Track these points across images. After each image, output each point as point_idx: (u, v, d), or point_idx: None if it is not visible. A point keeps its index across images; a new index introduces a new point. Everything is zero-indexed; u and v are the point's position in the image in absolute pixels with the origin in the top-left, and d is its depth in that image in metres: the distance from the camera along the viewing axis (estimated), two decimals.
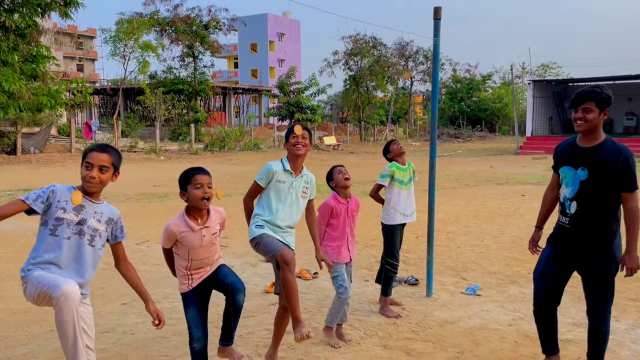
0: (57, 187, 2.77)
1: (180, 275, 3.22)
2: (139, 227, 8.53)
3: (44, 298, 2.61)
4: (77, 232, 2.75)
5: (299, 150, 3.52)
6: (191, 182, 3.07)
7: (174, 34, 31.17)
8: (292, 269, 3.30)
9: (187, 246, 3.11)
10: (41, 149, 21.57)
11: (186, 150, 26.38)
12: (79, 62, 61.05)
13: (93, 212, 2.82)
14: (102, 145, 2.90)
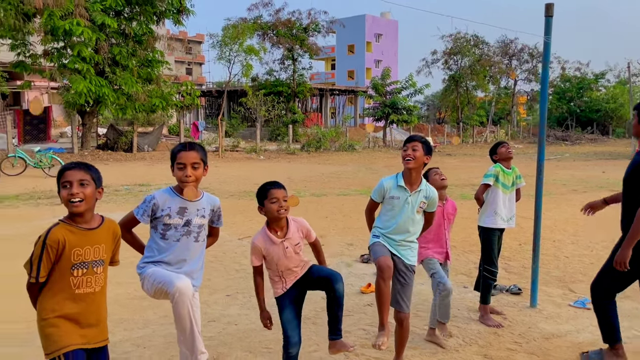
0: (157, 196, 2.95)
1: (274, 282, 3.28)
2: (241, 222, 8.92)
3: (161, 293, 2.85)
4: (184, 234, 2.95)
5: (407, 164, 3.45)
6: (267, 196, 3.12)
7: (275, 38, 32.25)
8: (385, 276, 3.30)
9: (274, 259, 3.18)
10: (154, 147, 23.28)
11: (284, 150, 27.16)
12: (187, 66, 65.07)
13: (195, 210, 3.01)
14: (188, 144, 3.03)
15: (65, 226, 2.41)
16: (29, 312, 2.64)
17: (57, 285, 2.40)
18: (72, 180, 2.43)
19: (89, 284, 2.45)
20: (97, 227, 2.50)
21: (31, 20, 19.25)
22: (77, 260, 2.40)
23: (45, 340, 2.39)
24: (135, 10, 21.35)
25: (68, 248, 2.37)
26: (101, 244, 2.49)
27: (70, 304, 2.41)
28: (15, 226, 8.43)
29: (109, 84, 20.36)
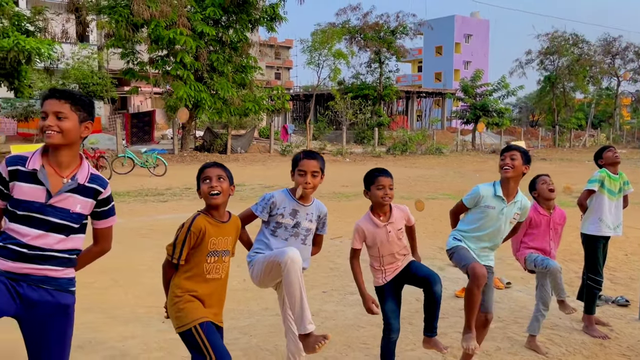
0: (276, 195, 3.19)
1: (375, 271, 3.45)
2: (332, 223, 9.09)
3: (270, 269, 3.03)
4: (293, 234, 3.17)
5: (506, 172, 3.45)
6: (374, 182, 3.31)
7: (363, 41, 32.42)
8: (479, 284, 3.33)
9: (377, 243, 3.34)
10: (246, 149, 24.30)
11: (369, 153, 27.25)
12: (276, 71, 67.07)
13: (305, 214, 3.22)
14: (311, 153, 3.24)
15: (205, 217, 2.72)
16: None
17: (194, 269, 2.71)
18: (212, 176, 2.74)
19: (217, 270, 2.75)
20: (227, 220, 2.81)
21: (139, 31, 20.84)
22: (212, 248, 2.70)
23: (179, 313, 2.67)
24: (231, 19, 22.44)
25: (207, 236, 2.68)
26: (229, 236, 2.79)
27: (203, 286, 2.72)
28: (127, 219, 9.24)
29: (207, 89, 21.56)
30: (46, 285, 2.34)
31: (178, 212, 9.87)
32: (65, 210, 2.32)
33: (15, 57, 14.32)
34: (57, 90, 2.38)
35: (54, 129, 2.27)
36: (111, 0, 20.38)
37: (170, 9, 19.50)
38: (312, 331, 2.94)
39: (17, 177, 2.28)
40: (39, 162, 2.30)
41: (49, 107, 2.31)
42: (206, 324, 2.66)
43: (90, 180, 2.39)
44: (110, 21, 19.82)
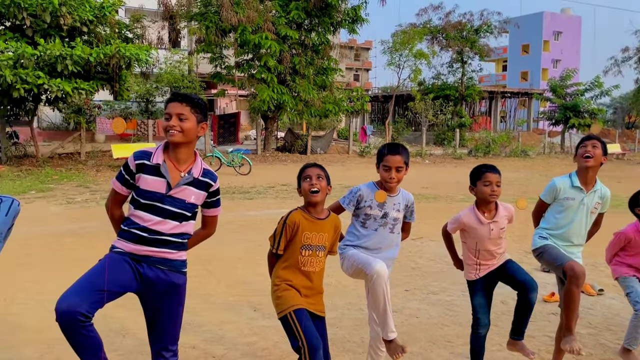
0: (362, 188, 3.32)
1: (468, 264, 3.49)
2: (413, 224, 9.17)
3: (359, 273, 3.22)
4: (382, 224, 3.29)
5: (587, 161, 3.39)
6: (481, 178, 3.32)
7: (445, 41, 31.85)
8: (579, 282, 3.26)
9: (475, 238, 3.37)
10: (325, 150, 24.69)
11: (450, 154, 26.72)
12: (355, 73, 67.33)
13: (392, 204, 3.33)
14: (395, 148, 3.30)
15: (302, 213, 2.94)
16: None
17: (290, 259, 2.93)
18: (312, 175, 2.96)
19: (311, 264, 2.94)
20: (324, 218, 3.00)
21: (227, 36, 21.82)
22: (305, 242, 2.91)
23: (278, 301, 2.91)
24: (314, 22, 22.91)
25: (300, 230, 2.89)
26: (325, 233, 2.97)
27: (298, 277, 2.93)
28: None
29: (289, 91, 22.16)
30: (162, 266, 2.66)
31: (263, 209, 10.30)
32: (182, 200, 2.62)
33: (116, 62, 15.51)
34: (180, 94, 2.68)
35: (176, 129, 2.58)
36: (202, 8, 21.48)
37: (256, 15, 20.25)
38: (394, 339, 3.09)
39: (143, 169, 2.60)
40: (161, 157, 2.61)
41: (173, 109, 2.61)
42: (300, 311, 2.85)
43: (203, 175, 2.69)
44: (201, 27, 20.90)
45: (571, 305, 3.29)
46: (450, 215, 3.64)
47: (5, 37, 15.15)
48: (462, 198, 11.67)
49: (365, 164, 21.21)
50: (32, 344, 4.05)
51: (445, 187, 14.19)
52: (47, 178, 14.45)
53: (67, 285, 2.51)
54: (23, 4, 14.60)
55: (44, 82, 14.53)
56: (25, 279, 5.64)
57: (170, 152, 2.64)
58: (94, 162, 17.91)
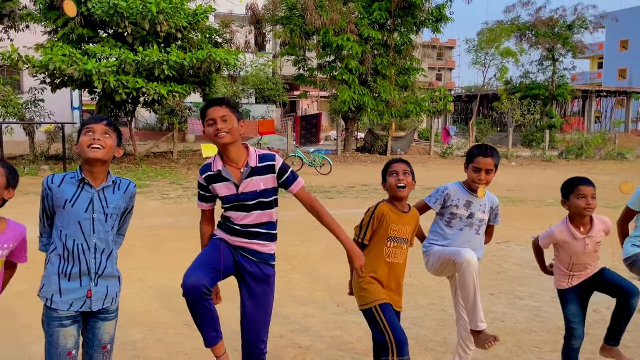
0: (450, 187, 3.33)
1: (560, 274, 3.39)
2: (498, 227, 8.92)
3: (446, 265, 3.22)
4: (467, 225, 3.29)
5: None
6: (574, 192, 3.22)
7: (534, 38, 30.46)
8: None
9: (570, 253, 3.26)
10: (406, 150, 24.48)
11: (539, 157, 25.51)
12: (438, 72, 66.02)
13: (479, 205, 3.31)
14: (486, 150, 3.28)
15: (388, 205, 3.04)
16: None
17: (375, 250, 3.02)
18: (399, 170, 3.06)
19: (396, 255, 3.02)
20: (407, 212, 3.08)
21: (310, 38, 22.26)
22: (392, 234, 3.00)
23: (362, 293, 3.00)
24: (397, 22, 22.80)
25: (387, 222, 2.98)
26: (408, 226, 3.06)
27: (383, 268, 3.01)
28: (300, 212, 10.03)
29: (370, 92, 22.21)
30: (254, 258, 2.87)
31: (344, 209, 10.45)
32: (253, 191, 2.79)
33: (208, 67, 16.34)
34: (216, 99, 2.87)
35: (224, 131, 2.73)
36: (287, 12, 22.07)
37: (339, 17, 20.51)
38: (483, 329, 3.07)
39: (212, 180, 2.84)
40: (220, 164, 2.82)
41: (215, 114, 2.74)
42: (386, 306, 2.92)
43: (260, 160, 2.83)
44: (286, 31, 21.50)
45: None
46: (537, 219, 3.59)
47: (109, 45, 16.45)
48: (551, 202, 11.16)
49: (447, 165, 20.78)
50: (137, 326, 4.44)
51: (533, 191, 13.63)
52: (144, 175, 15.52)
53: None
54: (125, 13, 15.78)
55: (142, 86, 15.63)
56: (130, 267, 6.13)
57: (225, 156, 2.83)
58: (185, 160, 18.97)
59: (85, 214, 2.45)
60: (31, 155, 17.42)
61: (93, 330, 2.56)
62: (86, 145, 2.45)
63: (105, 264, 2.52)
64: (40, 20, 17.84)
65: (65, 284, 2.44)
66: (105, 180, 2.53)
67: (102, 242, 2.50)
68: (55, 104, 20.17)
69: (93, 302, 2.49)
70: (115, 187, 2.57)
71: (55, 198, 2.46)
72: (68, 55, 15.02)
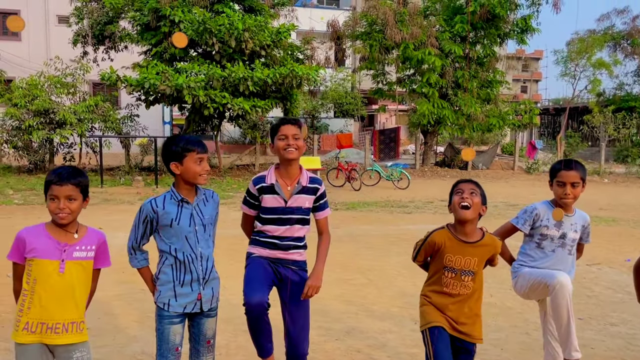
0: (539, 207, 3.21)
1: None
2: (588, 248, 8.42)
3: (537, 287, 3.10)
4: (559, 245, 3.16)
5: None
6: None
7: (630, 48, 28.57)
8: None
9: None
10: (488, 165, 23.72)
11: (634, 173, 23.77)
12: (523, 84, 63.49)
13: (570, 224, 3.17)
14: (570, 163, 3.20)
15: (447, 233, 2.85)
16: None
17: (433, 277, 2.92)
18: (465, 189, 2.83)
19: (454, 287, 2.83)
20: (475, 241, 2.82)
21: (390, 53, 22.28)
22: (448, 264, 2.82)
23: (421, 315, 2.98)
24: (479, 34, 22.29)
25: (442, 251, 2.83)
26: (475, 258, 2.81)
27: (440, 297, 2.86)
28: (376, 226, 10.05)
29: (450, 105, 21.81)
30: (293, 266, 3.13)
31: (422, 224, 10.30)
32: (299, 207, 3.04)
33: (289, 82, 16.83)
34: (291, 118, 3.14)
35: (294, 147, 2.98)
36: (367, 27, 22.26)
37: (420, 31, 20.38)
38: (577, 358, 2.93)
39: (263, 191, 3.06)
40: (274, 178, 3.04)
41: (289, 131, 3.00)
42: (437, 330, 2.78)
43: (310, 182, 3.09)
44: (365, 46, 21.67)
45: None
46: (632, 240, 3.40)
47: (198, 62, 17.42)
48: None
49: (532, 181, 19.88)
50: (220, 333, 4.64)
51: (627, 210, 12.74)
52: (227, 186, 16.18)
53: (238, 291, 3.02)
54: (214, 30, 16.65)
55: (227, 102, 16.37)
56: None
57: (282, 170, 3.06)
58: None
59: (189, 228, 2.77)
60: (126, 166, 18.73)
61: (198, 326, 2.87)
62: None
63: (210, 269, 2.87)
64: (137, 41, 19.22)
65: (180, 289, 2.77)
66: (196, 194, 2.84)
67: (205, 250, 2.83)
68: (149, 119, 21.64)
69: (203, 304, 2.83)
70: (206, 199, 2.88)
71: (162, 219, 2.76)
72: (161, 72, 16.07)
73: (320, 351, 4.27)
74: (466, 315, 2.84)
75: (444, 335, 2.79)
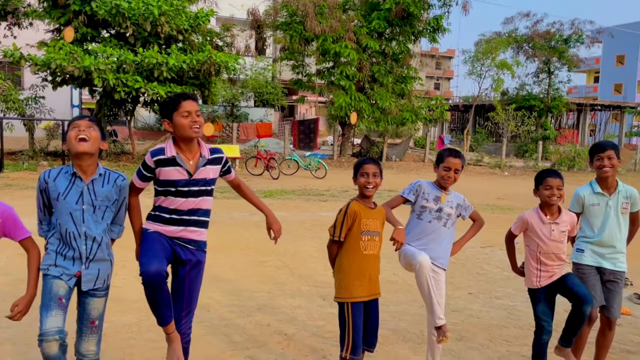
0: (422, 183, 3.65)
1: (529, 270, 3.67)
2: (483, 232, 9.17)
3: (409, 264, 3.55)
4: (436, 217, 3.58)
5: (605, 172, 3.57)
6: (543, 183, 3.54)
7: (531, 50, 30.89)
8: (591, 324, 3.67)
9: (537, 238, 3.57)
10: (401, 157, 24.80)
11: (531, 167, 25.88)
12: (436, 81, 66.53)
13: (447, 201, 3.61)
14: (456, 152, 3.65)
15: (358, 203, 3.29)
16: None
17: (352, 245, 3.25)
18: (369, 172, 3.25)
19: (371, 247, 3.25)
20: (373, 208, 3.34)
21: (309, 45, 22.59)
22: (364, 228, 3.23)
23: (339, 287, 3.27)
24: (395, 31, 23.17)
25: (359, 218, 3.23)
26: (378, 220, 3.31)
27: (360, 260, 3.24)
28: (293, 213, 10.33)
29: (366, 99, 22.55)
30: (190, 245, 3.05)
31: (336, 211, 10.72)
32: (203, 179, 3.00)
33: (207, 69, 16.63)
34: (190, 94, 3.05)
35: (199, 124, 2.94)
36: (287, 17, 22.41)
37: (338, 24, 20.85)
38: (441, 325, 3.38)
39: (161, 164, 2.95)
40: (174, 151, 2.96)
41: (192, 107, 2.92)
42: (357, 306, 3.17)
43: (212, 153, 3.07)
44: (286, 36, 21.82)
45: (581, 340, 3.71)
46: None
47: (110, 45, 16.73)
48: None
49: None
50: (132, 312, 4.70)
51: (521, 200, 13.92)
52: None
53: None
54: (127, 14, 16.06)
55: (141, 86, 15.90)
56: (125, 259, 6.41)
57: (183, 145, 2.98)
58: None
59: (76, 206, 2.75)
60: (30, 150, 17.65)
61: (83, 305, 2.84)
62: (73, 138, 2.74)
63: (96, 250, 2.81)
64: (44, 17, 18.09)
65: (60, 261, 2.77)
66: (94, 173, 2.81)
67: (93, 230, 2.78)
68: (56, 101, 20.44)
69: (84, 283, 2.79)
70: (104, 180, 2.84)
71: (51, 191, 2.76)
72: (69, 52, 15.28)
73: (232, 326, 4.46)
74: (374, 274, 3.29)
75: (362, 310, 3.20)
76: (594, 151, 3.67)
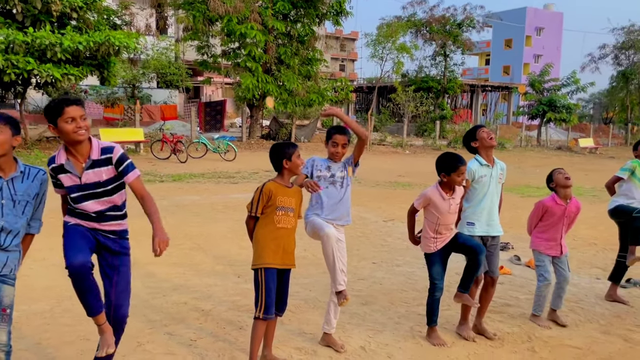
0: (316, 159, 4.03)
1: (427, 239, 4.14)
2: (386, 207, 9.87)
3: (315, 234, 3.92)
4: (331, 182, 3.97)
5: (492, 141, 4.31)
6: (456, 171, 3.95)
7: (428, 34, 32.50)
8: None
9: (437, 212, 4.04)
10: (309, 138, 25.29)
11: (430, 145, 27.51)
12: (341, 63, 67.78)
13: (337, 168, 3.99)
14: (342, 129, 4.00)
15: (274, 183, 3.60)
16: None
17: (267, 219, 3.56)
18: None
19: (285, 222, 3.57)
20: (289, 186, 3.66)
21: (214, 25, 22.19)
22: (279, 204, 3.54)
23: (255, 256, 3.56)
24: (299, 13, 23.37)
25: (274, 195, 3.53)
26: (292, 197, 3.63)
27: (275, 233, 3.55)
28: (203, 196, 10.37)
29: (274, 80, 22.66)
30: (111, 235, 3.14)
31: (247, 193, 10.90)
32: (96, 181, 3.02)
33: (105, 50, 15.87)
34: (74, 98, 3.06)
35: (84, 128, 2.97)
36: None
37: (243, 5, 20.66)
38: (341, 290, 3.82)
39: (57, 171, 3.03)
40: (64, 157, 3.01)
41: (76, 112, 2.91)
42: (270, 272, 3.49)
43: (102, 153, 3.05)
44: (188, 16, 21.26)
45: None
46: None
47: None
48: None
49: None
50: (43, 299, 4.65)
51: (421, 176, 14.90)
52: (36, 160, 14.82)
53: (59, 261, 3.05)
54: None
55: (33, 68, 14.87)
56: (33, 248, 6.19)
57: (73, 149, 3.02)
58: None
59: None
60: None
61: None
62: None
63: (10, 242, 2.92)
64: None
65: None
66: (14, 170, 2.89)
67: (11, 224, 2.89)
68: None
69: None
70: (24, 177, 2.93)
71: None
72: None
73: (148, 307, 4.57)
74: (289, 246, 3.60)
75: (275, 276, 3.52)
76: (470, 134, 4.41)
